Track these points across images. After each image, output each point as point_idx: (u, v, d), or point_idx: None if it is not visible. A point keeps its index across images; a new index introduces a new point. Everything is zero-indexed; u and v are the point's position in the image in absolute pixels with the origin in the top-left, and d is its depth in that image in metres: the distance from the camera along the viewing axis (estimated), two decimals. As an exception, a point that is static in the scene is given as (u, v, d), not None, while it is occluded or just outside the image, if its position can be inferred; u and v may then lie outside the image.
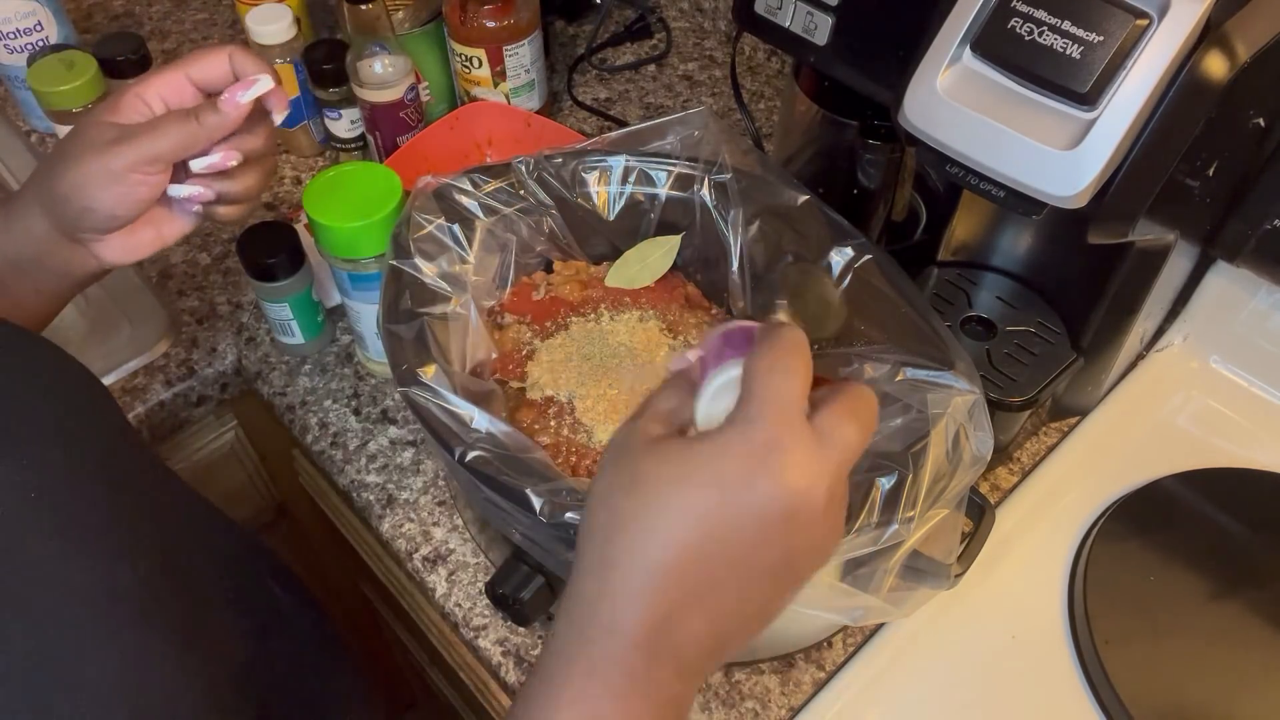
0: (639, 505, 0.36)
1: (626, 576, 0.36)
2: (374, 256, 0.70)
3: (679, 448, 0.37)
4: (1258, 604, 0.65)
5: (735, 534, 0.36)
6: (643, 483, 0.36)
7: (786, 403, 0.36)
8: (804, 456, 0.36)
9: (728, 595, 0.37)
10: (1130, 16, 0.48)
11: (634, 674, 0.36)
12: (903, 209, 0.77)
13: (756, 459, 0.35)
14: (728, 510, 0.36)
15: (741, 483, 0.35)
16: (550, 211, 0.67)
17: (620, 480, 0.37)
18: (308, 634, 0.70)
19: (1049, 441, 0.76)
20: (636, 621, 0.36)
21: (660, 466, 0.37)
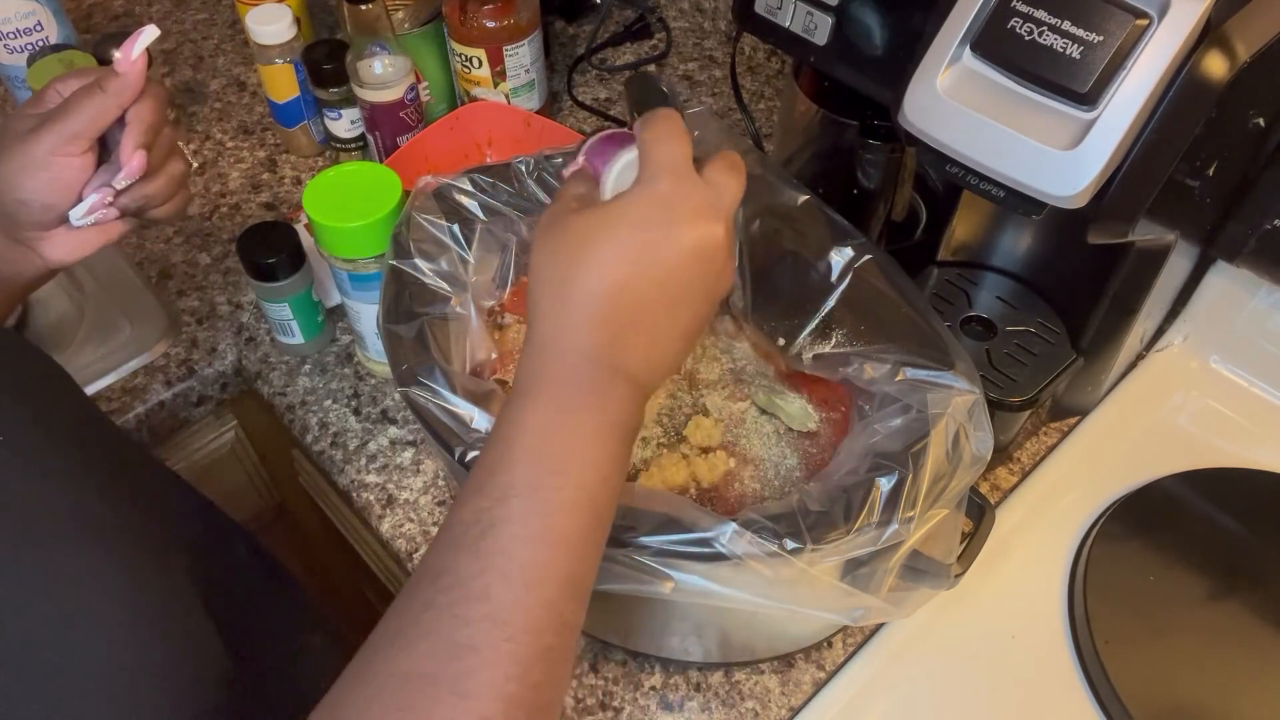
0: (578, 253, 0.43)
1: (576, 309, 0.43)
2: (374, 256, 0.70)
3: (601, 207, 0.45)
4: (1257, 604, 0.65)
5: (659, 267, 0.43)
6: (576, 236, 0.44)
7: (678, 161, 0.45)
8: (701, 200, 0.45)
9: (660, 317, 0.45)
10: (1130, 16, 0.48)
11: (585, 387, 0.43)
12: (903, 209, 0.77)
13: (665, 205, 0.44)
14: (649, 247, 0.43)
15: (657, 224, 0.44)
16: (550, 211, 0.67)
17: (556, 242, 0.44)
18: (261, 573, 0.70)
19: (1049, 441, 0.76)
20: (589, 343, 0.43)
21: (588, 222, 0.44)
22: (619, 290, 0.43)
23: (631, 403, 0.44)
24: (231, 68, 1.11)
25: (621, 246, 0.43)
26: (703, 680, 0.65)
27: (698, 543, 0.48)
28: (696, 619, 0.61)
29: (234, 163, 0.99)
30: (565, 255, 0.44)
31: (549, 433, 0.42)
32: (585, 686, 0.64)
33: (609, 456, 0.43)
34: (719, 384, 0.63)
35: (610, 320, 0.43)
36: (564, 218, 0.45)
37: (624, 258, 0.43)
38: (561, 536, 0.41)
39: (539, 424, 0.42)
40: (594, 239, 0.44)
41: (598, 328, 0.43)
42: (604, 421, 0.43)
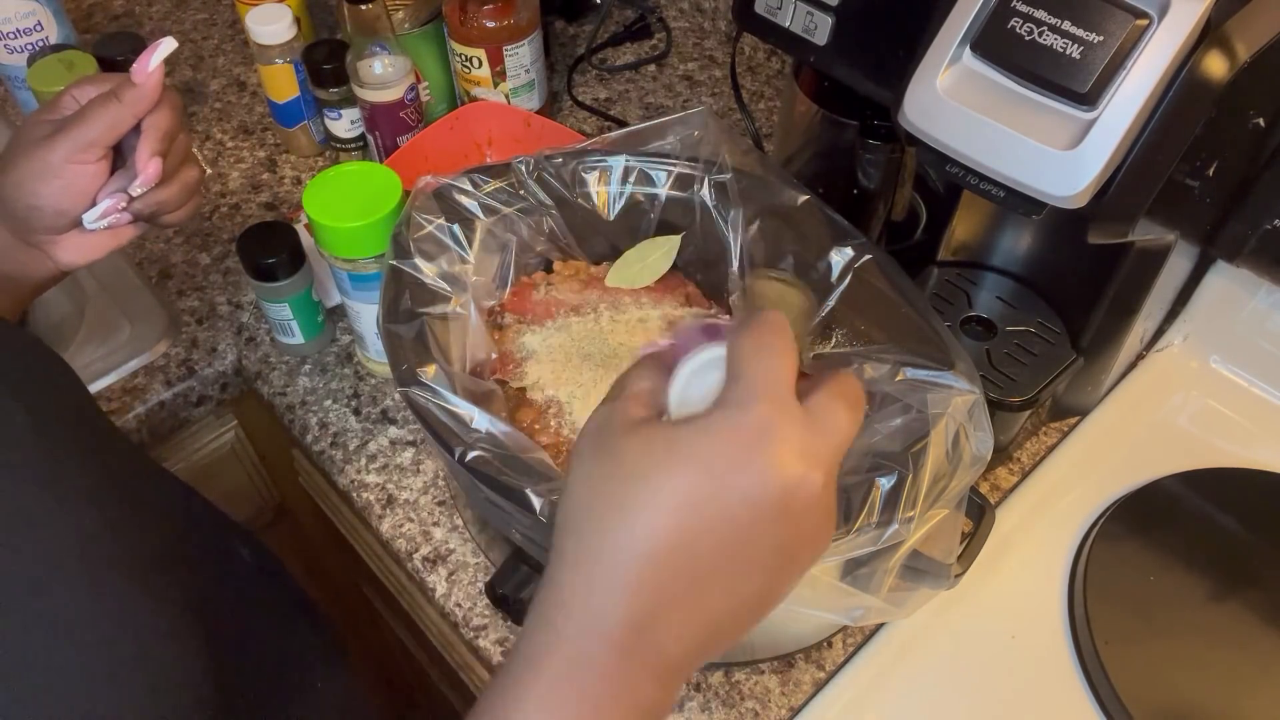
0: (623, 492, 0.34)
1: (609, 570, 0.34)
2: (374, 256, 0.70)
3: (665, 430, 0.34)
4: (1258, 604, 0.65)
5: (727, 523, 0.33)
6: (627, 468, 0.34)
7: (777, 383, 0.34)
8: (798, 440, 0.34)
9: (717, 589, 0.34)
10: (1130, 16, 0.48)
11: (611, 677, 0.34)
12: (903, 209, 0.77)
13: (749, 442, 0.33)
14: (719, 497, 0.33)
15: (734, 467, 0.33)
16: (550, 211, 0.67)
17: (602, 467, 0.35)
18: (269, 587, 0.70)
19: (1049, 441, 0.76)
20: (618, 619, 0.34)
21: (646, 450, 0.34)
22: (670, 554, 0.33)
23: (663, 692, 0.35)
24: (231, 68, 1.11)
25: (685, 494, 0.33)
26: (703, 680, 0.65)
27: (698, 543, 0.48)
28: (696, 619, 0.61)
29: (234, 163, 0.99)
30: (610, 492, 0.34)
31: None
32: (585, 686, 0.64)
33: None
34: (719, 384, 0.63)
35: (652, 589, 0.34)
36: (620, 435, 0.35)
37: (685, 510, 0.33)
38: None
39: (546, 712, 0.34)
40: (651, 480, 0.33)
41: (632, 598, 0.33)
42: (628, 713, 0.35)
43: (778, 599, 0.36)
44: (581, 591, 0.34)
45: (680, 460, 0.33)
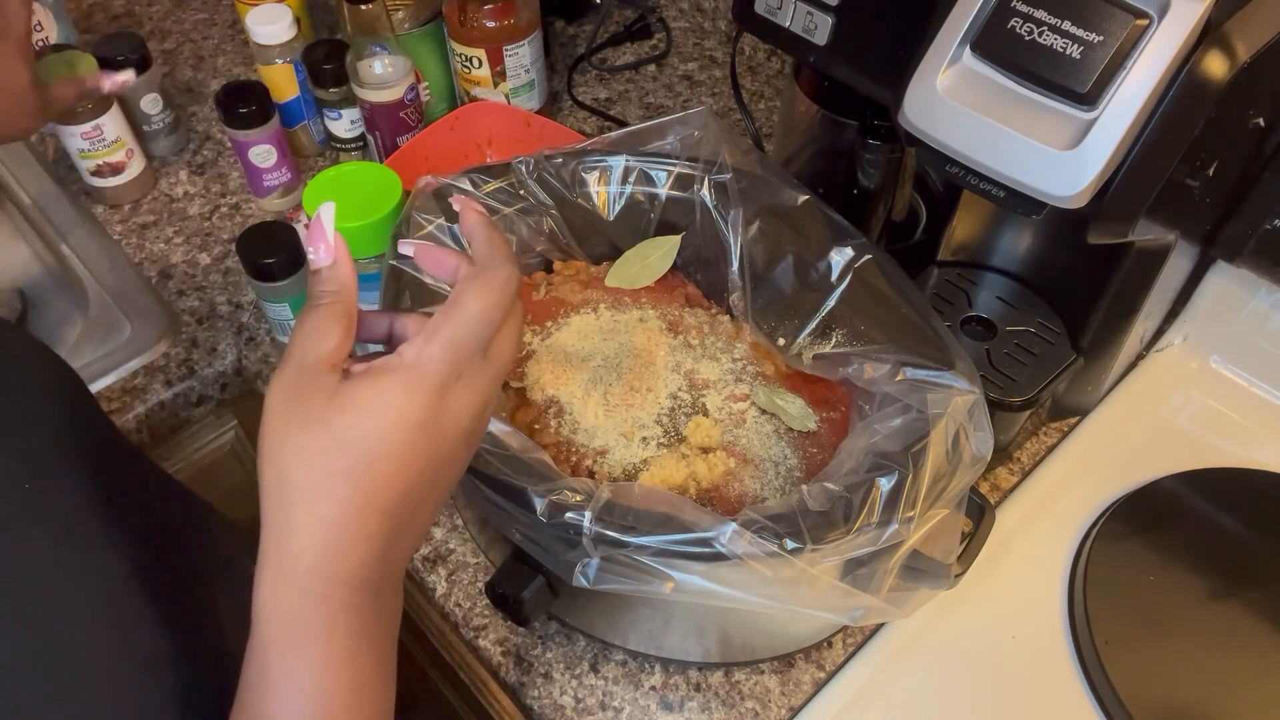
0: (348, 462, 0.38)
1: (349, 531, 0.38)
2: (374, 256, 0.70)
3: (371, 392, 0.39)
4: (1258, 604, 0.65)
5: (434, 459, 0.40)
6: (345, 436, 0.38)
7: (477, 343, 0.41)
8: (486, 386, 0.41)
9: (428, 506, 0.41)
10: (1130, 16, 0.48)
11: (372, 609, 0.39)
12: (903, 209, 0.77)
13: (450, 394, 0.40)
14: (428, 443, 0.39)
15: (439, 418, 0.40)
16: (550, 211, 0.67)
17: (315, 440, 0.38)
18: None
19: (1049, 441, 0.76)
20: (366, 565, 0.39)
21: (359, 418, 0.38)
22: (400, 498, 0.39)
23: (398, 599, 0.41)
24: (231, 68, 1.11)
25: (404, 447, 0.39)
26: (703, 680, 0.65)
27: (698, 543, 0.48)
28: (696, 619, 0.61)
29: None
30: (329, 460, 0.38)
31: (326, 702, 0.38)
32: (585, 686, 0.64)
33: (389, 685, 0.41)
34: (719, 384, 0.63)
35: (387, 531, 0.39)
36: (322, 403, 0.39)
37: (406, 461, 0.39)
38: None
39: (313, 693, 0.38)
40: (370, 442, 0.38)
41: (371, 544, 0.39)
42: (382, 654, 0.40)
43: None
44: (327, 555, 0.38)
45: (393, 423, 0.39)
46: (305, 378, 0.39)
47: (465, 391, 0.40)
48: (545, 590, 0.56)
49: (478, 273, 0.42)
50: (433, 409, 0.39)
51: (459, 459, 0.42)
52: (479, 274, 0.42)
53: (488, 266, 0.42)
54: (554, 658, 0.65)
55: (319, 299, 0.41)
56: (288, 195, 0.94)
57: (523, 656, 0.66)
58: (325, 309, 0.41)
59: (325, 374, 0.39)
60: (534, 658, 0.66)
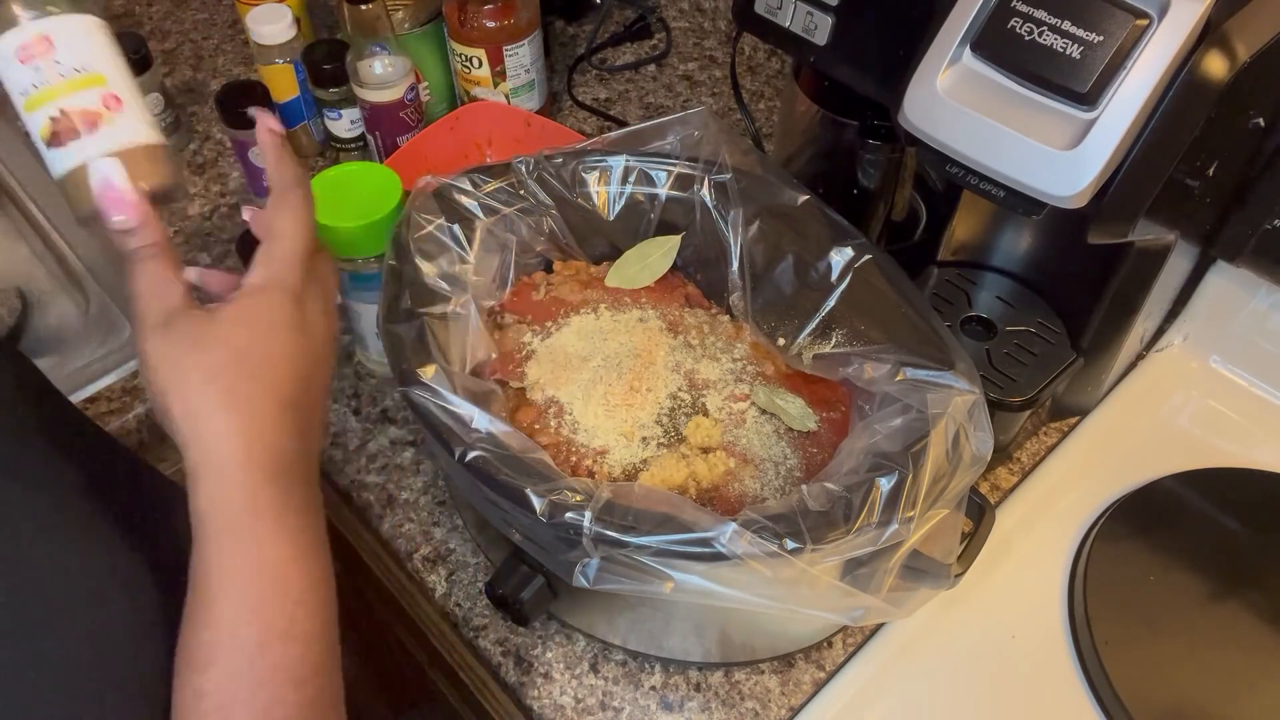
0: (243, 370, 0.44)
1: (267, 430, 0.44)
2: (374, 256, 0.70)
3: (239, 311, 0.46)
4: (1258, 604, 0.65)
5: (307, 363, 0.47)
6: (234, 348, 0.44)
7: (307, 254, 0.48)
8: (326, 297, 0.50)
9: (314, 403, 0.48)
10: (1130, 16, 0.48)
11: (300, 486, 0.45)
12: (903, 209, 0.77)
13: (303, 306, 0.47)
14: (297, 347, 0.46)
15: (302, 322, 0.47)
16: (550, 211, 0.67)
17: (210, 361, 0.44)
18: None
19: (1049, 441, 0.76)
20: (288, 452, 0.44)
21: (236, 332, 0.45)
22: (297, 389, 0.45)
23: (316, 476, 0.47)
24: (231, 68, 1.11)
25: (287, 345, 0.46)
26: (703, 680, 0.65)
27: (698, 543, 0.48)
28: (696, 619, 0.61)
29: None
30: (230, 372, 0.44)
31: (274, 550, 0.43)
32: (585, 686, 0.64)
33: (325, 550, 0.46)
34: (719, 384, 0.63)
35: (294, 420, 0.45)
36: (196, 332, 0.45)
37: (290, 356, 0.46)
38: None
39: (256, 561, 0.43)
40: (259, 346, 0.45)
41: (286, 430, 0.45)
42: (315, 518, 0.46)
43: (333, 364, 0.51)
44: (256, 446, 0.43)
45: (269, 327, 0.46)
46: (175, 319, 0.44)
47: (314, 297, 0.48)
48: (545, 590, 0.56)
49: (278, 199, 0.48)
50: (298, 313, 0.46)
51: (329, 356, 0.49)
52: (280, 200, 0.48)
53: (284, 191, 0.48)
54: (554, 658, 0.65)
55: (144, 255, 0.45)
56: (288, 195, 0.94)
57: (523, 656, 0.66)
58: (157, 261, 0.45)
59: (190, 309, 0.45)
60: (534, 658, 0.66)
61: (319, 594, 0.45)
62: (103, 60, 0.48)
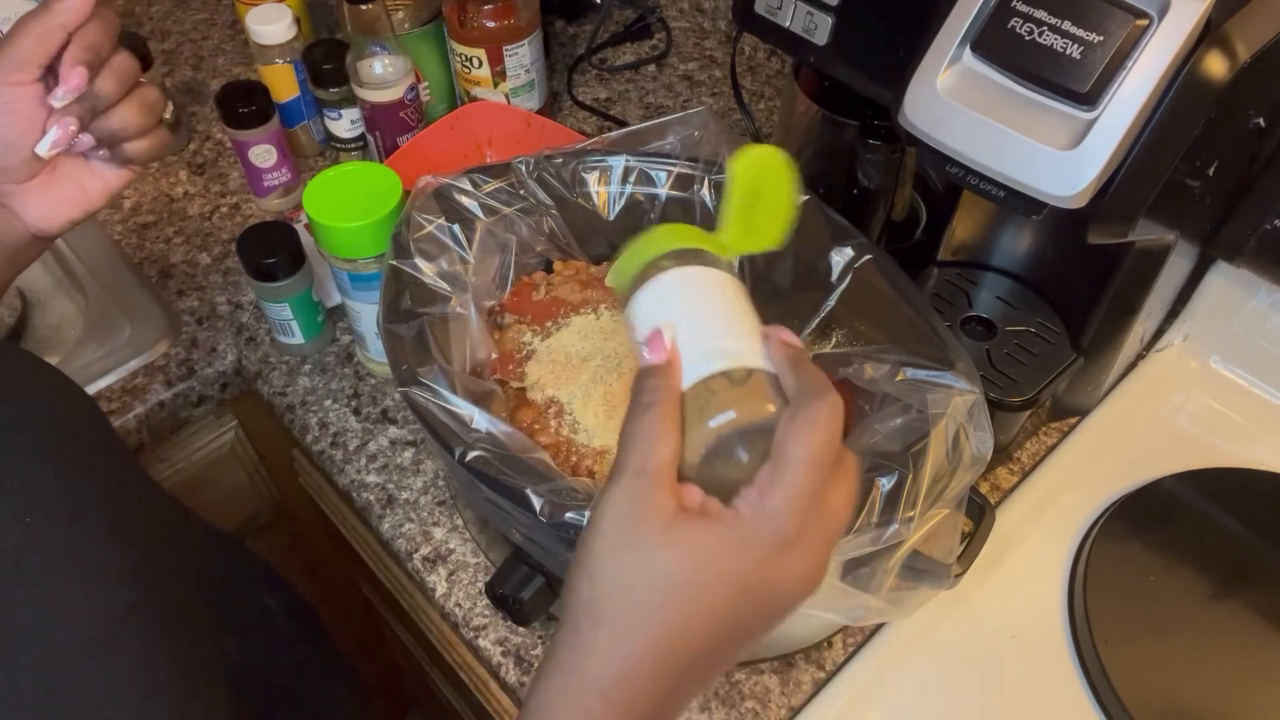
0: (664, 601, 0.37)
1: (645, 667, 0.37)
2: (374, 256, 0.70)
3: (706, 538, 0.37)
4: (1258, 604, 0.65)
5: (748, 621, 0.38)
6: (670, 575, 0.37)
7: (814, 497, 0.37)
8: (817, 551, 0.38)
9: (723, 663, 0.40)
10: (1130, 16, 0.48)
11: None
12: (903, 209, 0.77)
13: (780, 558, 0.37)
14: (748, 605, 0.37)
15: (764, 583, 0.37)
16: (550, 211, 0.67)
17: (640, 567, 0.37)
18: (298, 639, 0.70)
19: (1049, 441, 0.76)
20: (647, 704, 0.37)
21: (687, 561, 0.37)
22: (702, 650, 0.38)
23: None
24: (231, 68, 1.11)
25: (722, 606, 0.37)
26: (703, 680, 0.65)
27: (698, 543, 0.48)
28: (696, 619, 0.61)
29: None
30: (646, 596, 0.37)
31: None
32: (585, 686, 0.64)
33: None
34: (719, 384, 0.63)
35: (677, 678, 0.38)
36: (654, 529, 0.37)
37: (721, 618, 0.37)
38: None
39: None
40: (692, 589, 0.37)
41: (660, 687, 0.37)
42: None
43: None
44: (616, 685, 0.37)
45: (719, 577, 0.37)
46: (642, 494, 0.37)
47: (798, 554, 0.37)
48: (545, 590, 0.56)
49: (795, 411, 0.38)
50: (760, 573, 0.37)
51: (773, 619, 0.39)
52: (796, 412, 0.38)
53: (802, 401, 0.38)
54: (554, 658, 0.65)
55: (650, 397, 0.39)
56: (288, 195, 0.94)
57: (523, 656, 0.66)
58: (658, 410, 0.39)
59: (662, 492, 0.37)
60: (534, 658, 0.66)
61: None
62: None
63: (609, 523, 0.38)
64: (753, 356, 0.41)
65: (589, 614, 0.38)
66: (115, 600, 0.46)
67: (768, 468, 0.38)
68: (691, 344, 0.41)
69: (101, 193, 0.60)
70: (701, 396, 0.39)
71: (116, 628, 0.45)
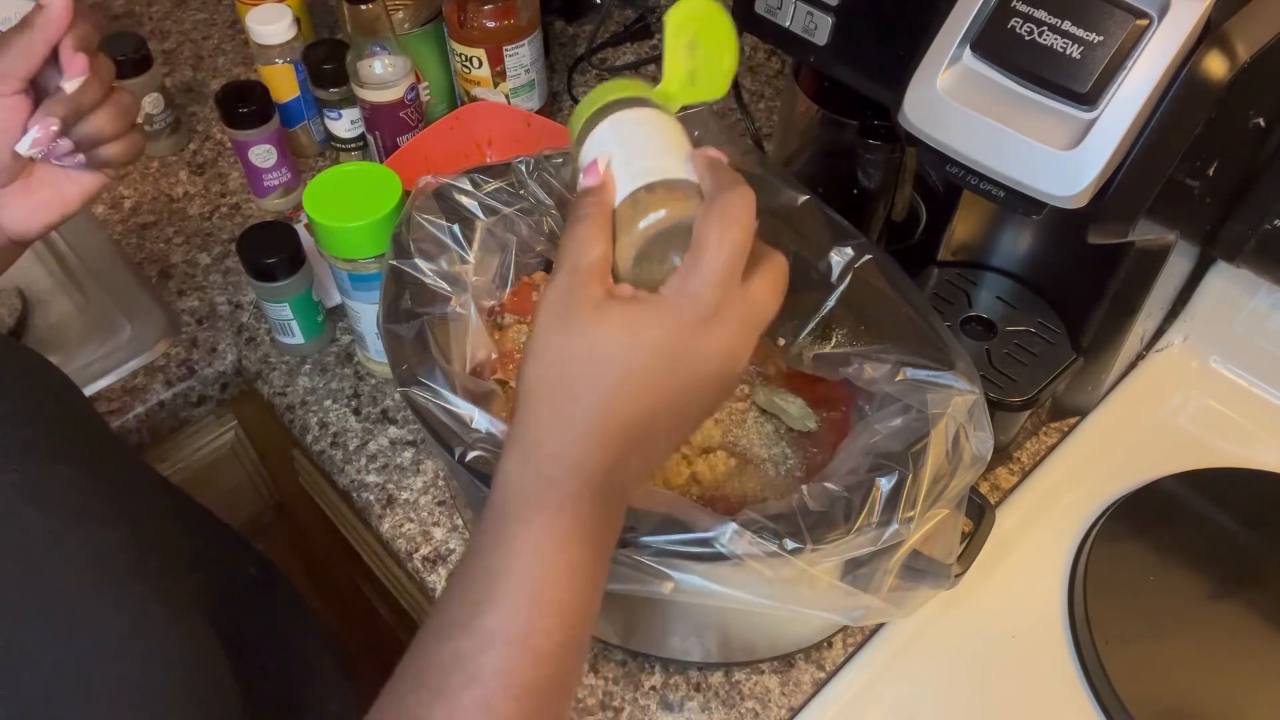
0: (595, 373, 0.41)
1: (587, 431, 0.41)
2: (374, 256, 0.70)
3: (631, 315, 0.41)
4: (1258, 604, 0.65)
5: (679, 393, 0.42)
6: (598, 350, 0.41)
7: (730, 276, 0.41)
8: (739, 328, 0.42)
9: (664, 438, 0.43)
10: (1130, 16, 0.48)
11: (585, 517, 0.41)
12: (903, 209, 0.77)
13: (702, 331, 0.41)
14: (676, 373, 0.41)
15: (688, 351, 0.41)
16: (550, 211, 0.67)
17: (572, 344, 0.41)
18: (275, 601, 0.71)
19: (1049, 441, 0.76)
20: (596, 467, 0.41)
21: (612, 334, 0.41)
22: (636, 417, 0.41)
23: (620, 520, 0.44)
24: (231, 68, 1.11)
25: (648, 374, 0.41)
26: (703, 680, 0.65)
27: (698, 543, 0.48)
28: (696, 619, 0.61)
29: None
30: (582, 369, 0.41)
31: (542, 570, 0.40)
32: (585, 686, 0.64)
33: (599, 589, 0.42)
34: (719, 384, 0.63)
35: (619, 444, 0.41)
36: (584, 313, 0.41)
37: (648, 387, 0.41)
38: (549, 684, 0.40)
39: (531, 558, 0.40)
40: (618, 360, 0.40)
41: (605, 451, 0.41)
42: (599, 553, 0.42)
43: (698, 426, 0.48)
44: (564, 448, 0.41)
45: (643, 346, 0.41)
46: (575, 285, 0.41)
47: (719, 328, 0.41)
48: (545, 590, 0.56)
49: (709, 203, 0.42)
50: (682, 344, 0.41)
51: (707, 396, 0.43)
52: (711, 204, 0.42)
53: (716, 195, 0.42)
54: (554, 658, 0.65)
55: (585, 210, 0.43)
56: (288, 195, 0.94)
57: (523, 656, 0.66)
58: (591, 220, 0.43)
59: (593, 284, 0.41)
60: (534, 658, 0.65)
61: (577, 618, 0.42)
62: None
63: (546, 314, 0.42)
64: (679, 172, 0.45)
65: (534, 391, 0.42)
66: (104, 540, 0.47)
67: (688, 255, 0.41)
68: (623, 168, 0.45)
69: (77, 197, 0.60)
70: (630, 206, 0.43)
71: (103, 563, 0.46)
